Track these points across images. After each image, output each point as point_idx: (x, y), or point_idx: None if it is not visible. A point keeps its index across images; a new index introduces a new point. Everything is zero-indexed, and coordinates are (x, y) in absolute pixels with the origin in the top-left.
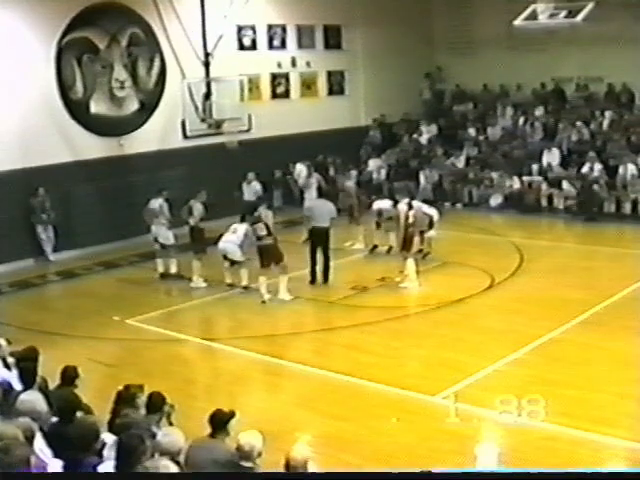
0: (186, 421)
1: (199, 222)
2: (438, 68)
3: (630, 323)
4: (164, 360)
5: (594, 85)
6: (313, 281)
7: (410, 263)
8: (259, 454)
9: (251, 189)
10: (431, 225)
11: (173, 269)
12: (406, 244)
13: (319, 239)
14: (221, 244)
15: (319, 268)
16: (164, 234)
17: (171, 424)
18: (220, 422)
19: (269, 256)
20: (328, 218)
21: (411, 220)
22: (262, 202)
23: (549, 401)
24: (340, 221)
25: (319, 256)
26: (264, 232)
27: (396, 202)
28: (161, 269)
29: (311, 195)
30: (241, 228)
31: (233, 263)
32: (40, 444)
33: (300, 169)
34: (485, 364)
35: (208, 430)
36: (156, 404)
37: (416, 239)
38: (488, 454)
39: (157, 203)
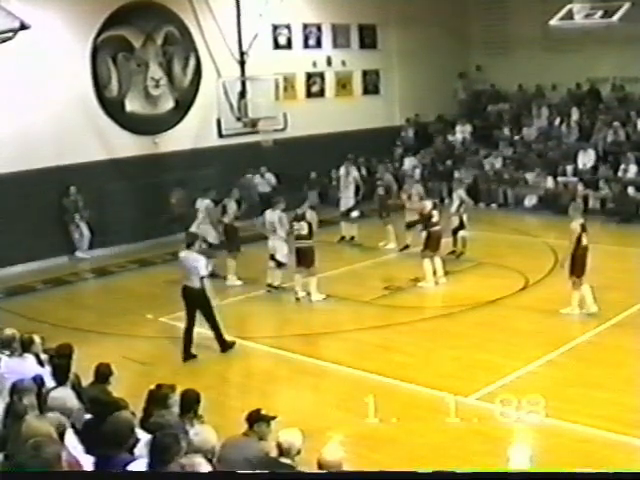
0: (219, 419)
1: (233, 221)
2: (476, 68)
3: None
4: (198, 358)
5: (630, 86)
6: (186, 357)
7: (427, 263)
8: (298, 452)
9: (265, 181)
10: (462, 225)
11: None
12: (428, 243)
13: (190, 302)
14: (270, 242)
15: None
16: (213, 234)
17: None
18: (255, 422)
19: (305, 258)
20: (196, 277)
21: (435, 219)
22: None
23: (583, 403)
24: (373, 220)
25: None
26: (305, 232)
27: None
28: None
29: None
30: (272, 216)
31: (280, 265)
32: (72, 440)
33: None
34: (519, 366)
35: (242, 429)
36: (190, 402)
37: (444, 240)
38: (521, 456)
39: (203, 203)
